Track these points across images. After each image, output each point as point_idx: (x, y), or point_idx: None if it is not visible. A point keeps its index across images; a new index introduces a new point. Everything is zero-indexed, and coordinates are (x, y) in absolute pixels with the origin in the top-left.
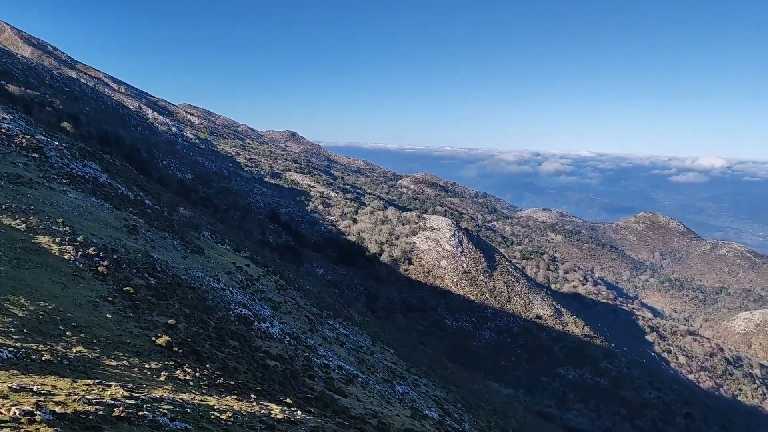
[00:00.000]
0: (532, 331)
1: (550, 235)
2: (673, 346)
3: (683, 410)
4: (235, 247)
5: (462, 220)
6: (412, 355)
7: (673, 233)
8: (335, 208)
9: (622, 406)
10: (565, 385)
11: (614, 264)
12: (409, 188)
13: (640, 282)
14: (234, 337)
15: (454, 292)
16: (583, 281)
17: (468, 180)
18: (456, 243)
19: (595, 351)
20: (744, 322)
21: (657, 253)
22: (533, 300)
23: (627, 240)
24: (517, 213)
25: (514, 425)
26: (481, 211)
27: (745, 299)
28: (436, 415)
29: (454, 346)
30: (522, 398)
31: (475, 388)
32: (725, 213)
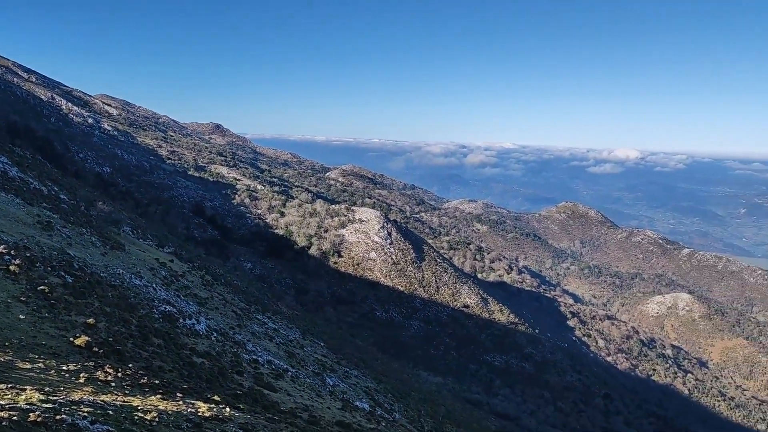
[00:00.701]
0: (460, 320)
1: (477, 226)
2: (592, 330)
3: (602, 391)
4: (158, 243)
5: (391, 212)
6: (343, 348)
7: (592, 222)
8: (262, 201)
9: (546, 390)
10: (492, 371)
11: (537, 253)
12: (337, 180)
13: (562, 269)
14: (158, 335)
15: (383, 284)
16: (509, 270)
17: (396, 172)
18: (385, 235)
19: (520, 337)
20: (657, 306)
21: (577, 242)
22: (461, 289)
23: (549, 229)
24: (444, 204)
25: (444, 412)
26: (409, 202)
27: (658, 284)
28: (366, 405)
29: (384, 337)
30: (451, 386)
31: (405, 377)
32: (639, 202)
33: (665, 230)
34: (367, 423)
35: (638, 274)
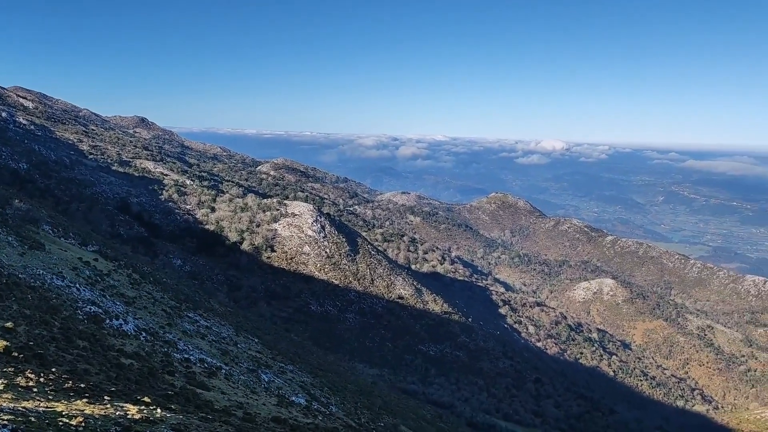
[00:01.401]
0: (395, 311)
1: (410, 218)
2: (523, 317)
3: (533, 376)
4: (81, 241)
5: (324, 205)
6: (278, 343)
7: (521, 212)
8: (191, 196)
9: (480, 377)
10: (427, 361)
11: (469, 243)
12: (269, 174)
13: (493, 259)
14: (83, 337)
15: (317, 278)
16: (442, 260)
17: (328, 165)
18: (318, 228)
19: (454, 327)
20: (583, 291)
21: (507, 231)
22: (395, 281)
23: (480, 219)
24: (377, 197)
25: (380, 403)
26: (342, 195)
27: (584, 270)
28: (303, 400)
29: (320, 330)
30: (387, 377)
31: (341, 370)
32: (565, 192)
33: (590, 218)
34: (303, 418)
35: (565, 262)
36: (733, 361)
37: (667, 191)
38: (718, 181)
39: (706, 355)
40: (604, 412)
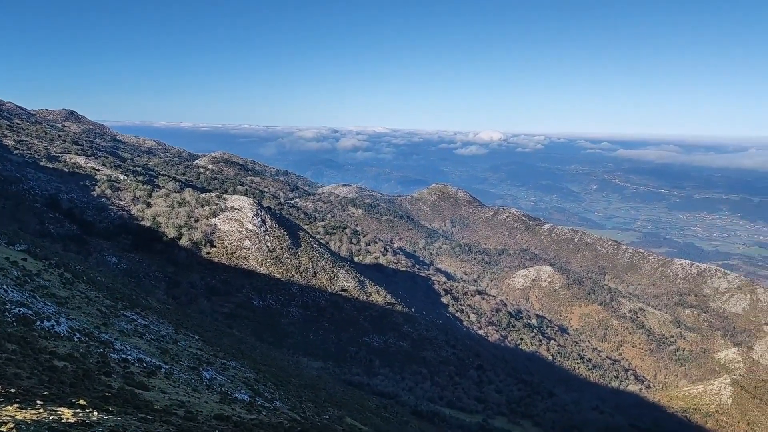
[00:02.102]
0: (339, 303)
1: (351, 210)
2: (465, 306)
3: (475, 363)
4: (7, 241)
5: (264, 198)
6: (219, 339)
7: (461, 202)
8: (126, 192)
9: (423, 366)
10: (371, 352)
11: (411, 234)
12: (207, 168)
13: (435, 249)
14: (12, 341)
15: (259, 272)
16: (384, 252)
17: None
18: (259, 222)
19: (397, 317)
20: (522, 279)
21: (448, 222)
22: (338, 273)
23: (421, 210)
24: (318, 189)
25: (325, 396)
26: (283, 188)
27: (523, 258)
28: (246, 396)
29: (263, 325)
30: (331, 369)
31: (285, 365)
32: (504, 182)
33: (528, 207)
34: (247, 414)
35: (505, 250)
36: (663, 342)
37: (600, 180)
38: (647, 170)
39: (638, 336)
40: (543, 395)
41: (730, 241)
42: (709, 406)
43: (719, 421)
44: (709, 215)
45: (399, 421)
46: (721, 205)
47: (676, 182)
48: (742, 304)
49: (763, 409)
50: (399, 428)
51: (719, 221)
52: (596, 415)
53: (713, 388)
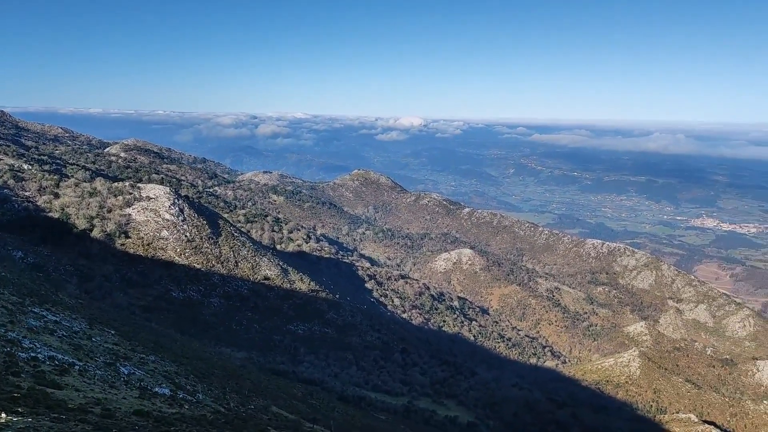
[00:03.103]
0: (262, 292)
1: (273, 197)
2: (388, 291)
3: (400, 347)
4: None
5: (182, 187)
6: (137, 333)
7: (384, 188)
8: (30, 182)
9: (349, 352)
10: (296, 340)
11: (334, 220)
12: (119, 156)
13: (358, 235)
14: None
15: (178, 263)
16: (307, 239)
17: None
18: (177, 212)
19: (321, 304)
20: (444, 262)
21: (371, 207)
22: (260, 262)
23: (344, 197)
24: (238, 177)
25: (249, 386)
26: (201, 176)
27: (444, 242)
28: (167, 390)
29: (183, 317)
30: (256, 359)
31: (208, 356)
32: (425, 167)
33: (448, 192)
34: (168, 408)
35: (427, 234)
36: (577, 319)
37: (517, 164)
38: (561, 153)
39: (554, 314)
40: (466, 374)
41: (637, 221)
42: (620, 377)
43: (629, 391)
44: (618, 197)
45: (326, 407)
46: (629, 187)
47: (588, 165)
48: (648, 280)
49: (668, 378)
50: (326, 414)
51: (627, 202)
52: (516, 391)
53: (623, 361)
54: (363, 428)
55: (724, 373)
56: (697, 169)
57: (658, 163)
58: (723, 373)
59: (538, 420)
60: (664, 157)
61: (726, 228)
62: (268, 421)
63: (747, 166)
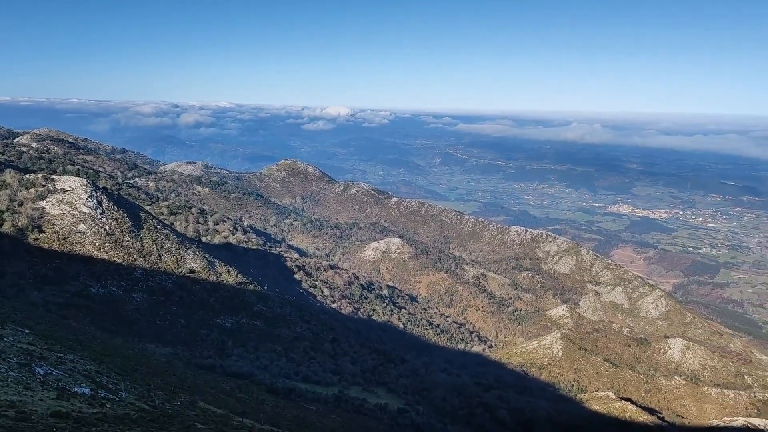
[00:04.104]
0: (187, 286)
1: (197, 188)
2: (318, 281)
3: (330, 337)
4: None
5: (100, 179)
6: (54, 332)
7: (311, 178)
8: None
9: (278, 343)
10: (223, 333)
11: (261, 211)
12: (30, 147)
13: (286, 226)
14: None
15: (97, 258)
16: (234, 231)
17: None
18: (95, 204)
19: (249, 296)
20: (373, 251)
21: (299, 198)
22: (185, 255)
23: (271, 187)
24: (160, 168)
25: (175, 382)
26: (120, 167)
27: (373, 231)
28: (87, 390)
29: (104, 314)
30: (182, 354)
31: (131, 353)
32: (352, 156)
33: (376, 181)
34: (89, 408)
35: (356, 224)
36: (503, 304)
37: (443, 153)
38: (485, 143)
39: (481, 300)
40: (396, 362)
41: (558, 208)
42: (543, 359)
43: (552, 372)
44: (540, 185)
45: (255, 400)
46: (550, 175)
47: (511, 154)
48: (569, 265)
49: (588, 358)
50: (255, 407)
51: (549, 190)
52: (444, 376)
53: (546, 343)
54: (293, 420)
55: (639, 352)
56: (612, 157)
57: (577, 152)
58: (638, 351)
59: (466, 404)
60: (582, 146)
61: (640, 214)
62: (195, 417)
63: (658, 155)
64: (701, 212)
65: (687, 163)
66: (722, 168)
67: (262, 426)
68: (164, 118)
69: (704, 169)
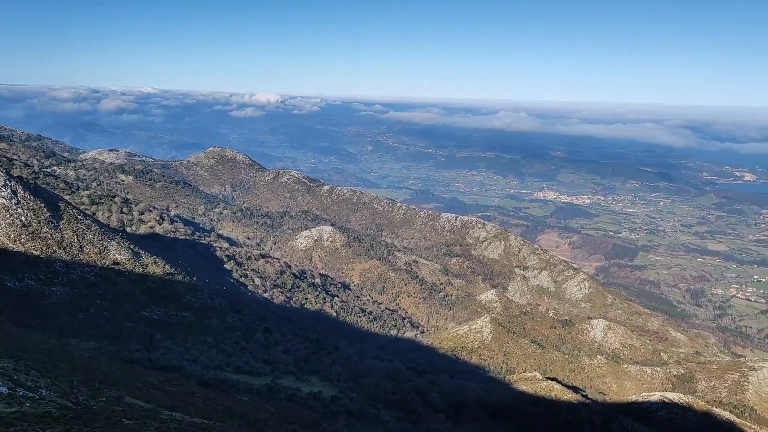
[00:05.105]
0: (111, 278)
1: (121, 177)
2: (249, 271)
3: (262, 326)
4: None
5: (14, 167)
6: None
7: (241, 166)
8: None
9: (209, 335)
10: (150, 326)
11: (189, 200)
12: None
13: (215, 215)
14: None
15: (12, 250)
16: (160, 220)
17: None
18: (9, 194)
19: (178, 287)
20: (305, 240)
21: (228, 186)
22: (108, 246)
23: (199, 175)
24: (80, 155)
25: (100, 377)
26: (36, 155)
27: (305, 219)
28: (4, 389)
29: (21, 309)
30: (107, 349)
31: (52, 349)
32: (283, 144)
33: (307, 169)
34: (6, 408)
35: (287, 213)
36: (434, 289)
37: (375, 141)
38: (416, 131)
39: (413, 286)
40: (329, 350)
41: (487, 195)
42: (474, 343)
43: (482, 356)
44: (469, 172)
45: (185, 393)
46: (479, 163)
47: (441, 142)
48: (498, 251)
49: (516, 340)
50: (185, 400)
51: (478, 177)
52: (377, 363)
53: (476, 327)
54: (225, 411)
55: (564, 333)
56: (538, 145)
57: (504, 140)
58: (563, 332)
59: (398, 389)
60: (509, 134)
61: (565, 200)
62: (121, 413)
63: (581, 143)
64: (621, 198)
65: (608, 151)
66: (640, 155)
67: (192, 419)
68: (83, 103)
69: (624, 157)
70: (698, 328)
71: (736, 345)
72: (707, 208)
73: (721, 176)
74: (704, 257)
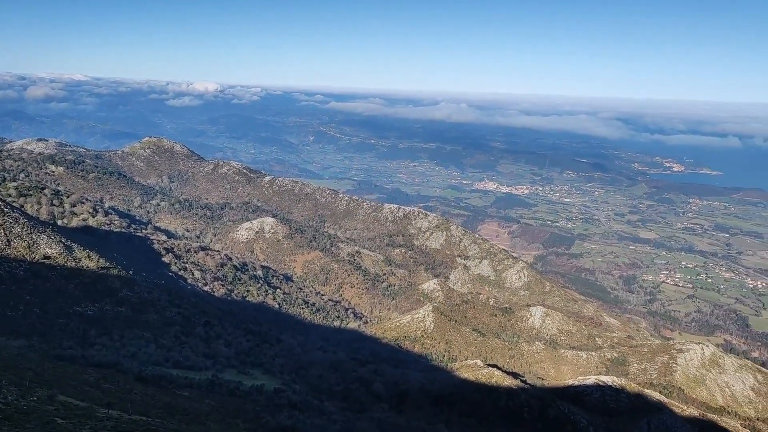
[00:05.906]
0: (41, 273)
1: (50, 168)
2: (188, 264)
3: (202, 320)
4: None
5: None
6: None
7: (179, 156)
8: None
9: (146, 330)
10: (84, 322)
11: (124, 192)
12: None
13: (152, 207)
14: None
15: None
16: (94, 213)
17: None
18: None
19: (113, 282)
20: (246, 232)
21: (165, 177)
22: (38, 240)
23: (135, 166)
24: (6, 145)
25: (31, 376)
26: None
27: (246, 211)
28: None
29: None
30: (37, 346)
31: None
32: (222, 134)
33: (248, 160)
34: None
35: (227, 204)
36: (377, 280)
37: (317, 131)
38: (358, 121)
39: (356, 277)
40: (271, 342)
41: (429, 185)
42: (416, 332)
43: (424, 344)
44: (411, 163)
45: (122, 390)
46: (421, 154)
47: (383, 133)
48: (439, 240)
49: (458, 329)
50: (122, 397)
51: (420, 168)
52: (321, 354)
53: (419, 316)
54: (164, 407)
55: (504, 320)
56: (478, 136)
57: (445, 131)
58: (503, 320)
59: (342, 379)
60: (450, 125)
61: (504, 190)
62: (54, 412)
63: (519, 134)
64: (558, 188)
65: (545, 142)
66: (576, 147)
67: (130, 416)
68: (8, 91)
69: (560, 148)
70: (630, 313)
71: (665, 329)
72: (639, 198)
73: (651, 167)
74: (636, 245)
